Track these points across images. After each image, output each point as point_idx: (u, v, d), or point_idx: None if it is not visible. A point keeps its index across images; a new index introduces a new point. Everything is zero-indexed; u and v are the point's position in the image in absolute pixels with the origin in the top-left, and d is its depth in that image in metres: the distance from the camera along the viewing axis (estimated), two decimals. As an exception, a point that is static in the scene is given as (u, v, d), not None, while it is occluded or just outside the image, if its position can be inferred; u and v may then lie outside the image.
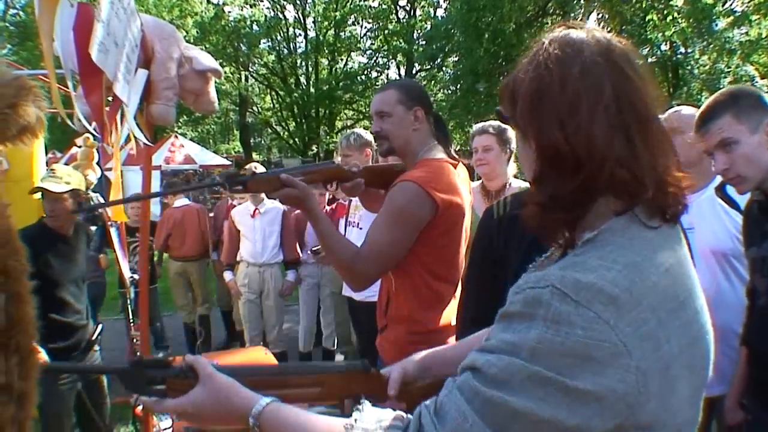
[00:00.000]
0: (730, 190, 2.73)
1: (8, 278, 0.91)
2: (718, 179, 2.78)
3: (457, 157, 2.54)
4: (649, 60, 22.37)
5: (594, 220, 1.02)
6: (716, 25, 19.59)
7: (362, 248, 2.25)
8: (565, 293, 0.88)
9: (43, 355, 2.30)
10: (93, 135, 4.90)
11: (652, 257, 0.95)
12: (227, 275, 5.84)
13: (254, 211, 5.55)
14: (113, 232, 5.00)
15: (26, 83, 0.98)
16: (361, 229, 4.28)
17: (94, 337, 3.68)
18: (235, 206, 6.08)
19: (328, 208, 5.77)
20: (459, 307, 2.25)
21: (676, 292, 0.95)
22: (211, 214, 7.17)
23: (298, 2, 31.94)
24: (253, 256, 5.57)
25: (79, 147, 5.27)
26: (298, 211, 5.74)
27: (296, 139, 32.35)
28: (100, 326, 3.78)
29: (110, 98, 2.62)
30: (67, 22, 1.87)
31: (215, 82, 3.23)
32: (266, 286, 5.58)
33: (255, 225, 5.51)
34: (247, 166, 6.09)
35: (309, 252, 5.70)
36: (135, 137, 2.72)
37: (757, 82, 18.98)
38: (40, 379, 1.00)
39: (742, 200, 2.66)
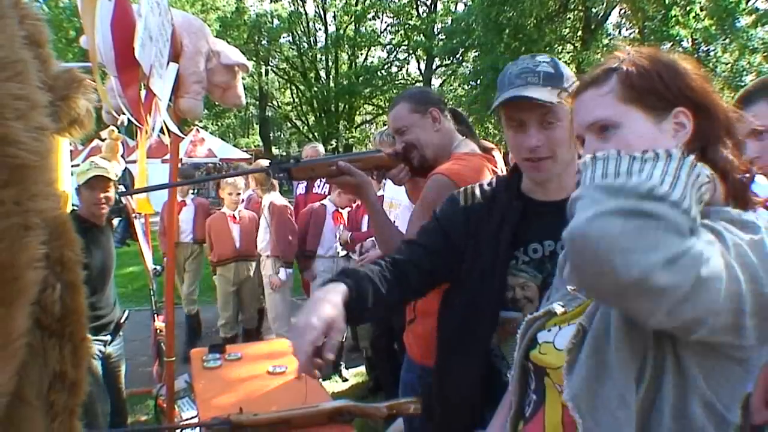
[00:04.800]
0: (756, 187, 2.69)
1: (64, 268, 0.92)
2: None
3: (489, 147, 2.53)
4: (671, 56, 22.16)
5: None
6: (739, 22, 19.37)
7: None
8: None
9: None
10: (118, 128, 4.95)
11: None
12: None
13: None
14: (137, 224, 5.05)
15: (77, 76, 0.99)
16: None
17: (122, 321, 3.83)
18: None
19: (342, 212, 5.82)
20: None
21: None
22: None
23: (318, -4, 32.08)
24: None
25: (103, 140, 5.30)
26: (315, 206, 5.79)
27: (315, 134, 32.38)
28: (126, 312, 3.88)
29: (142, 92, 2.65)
30: (105, 17, 1.89)
31: (235, 76, 3.25)
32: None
33: (265, 216, 5.67)
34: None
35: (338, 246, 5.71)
36: (167, 129, 2.74)
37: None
38: None
39: None
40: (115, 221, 5.74)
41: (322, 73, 33.01)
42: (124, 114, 2.48)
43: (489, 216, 1.83)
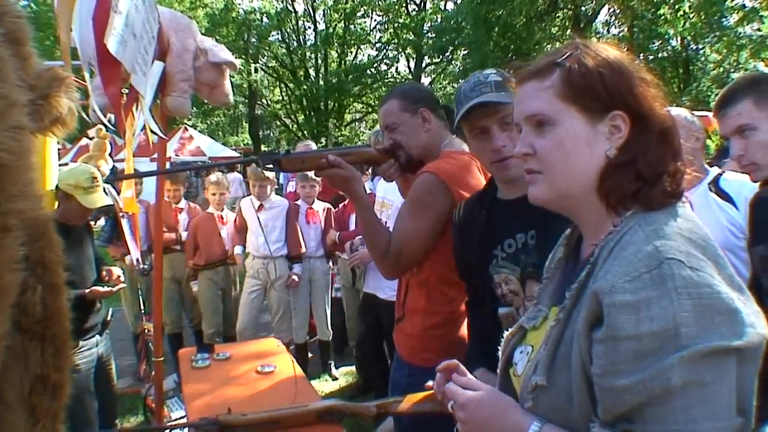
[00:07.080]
0: (724, 184, 2.72)
1: (45, 270, 0.91)
2: (712, 175, 2.79)
3: None
4: (660, 55, 22.30)
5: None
6: (727, 20, 19.48)
7: (391, 239, 2.27)
8: (680, 261, 0.97)
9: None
10: (106, 126, 4.91)
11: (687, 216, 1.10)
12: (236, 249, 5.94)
13: (259, 206, 5.58)
14: (124, 223, 5.02)
15: (59, 74, 0.98)
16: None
17: (108, 318, 3.81)
18: (182, 210, 6.16)
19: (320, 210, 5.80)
20: None
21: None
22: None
23: (307, -6, 31.95)
24: (255, 248, 5.68)
25: (91, 138, 5.27)
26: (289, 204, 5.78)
27: (305, 132, 32.27)
28: (110, 310, 3.87)
29: (125, 90, 2.62)
30: (86, 12, 1.86)
31: (226, 74, 3.22)
32: (270, 278, 5.63)
33: (258, 219, 5.55)
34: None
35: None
36: (150, 129, 2.72)
37: None
38: None
39: (736, 194, 2.65)
40: (102, 221, 5.72)
41: (312, 72, 32.91)
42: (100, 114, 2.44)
43: (472, 225, 2.04)
